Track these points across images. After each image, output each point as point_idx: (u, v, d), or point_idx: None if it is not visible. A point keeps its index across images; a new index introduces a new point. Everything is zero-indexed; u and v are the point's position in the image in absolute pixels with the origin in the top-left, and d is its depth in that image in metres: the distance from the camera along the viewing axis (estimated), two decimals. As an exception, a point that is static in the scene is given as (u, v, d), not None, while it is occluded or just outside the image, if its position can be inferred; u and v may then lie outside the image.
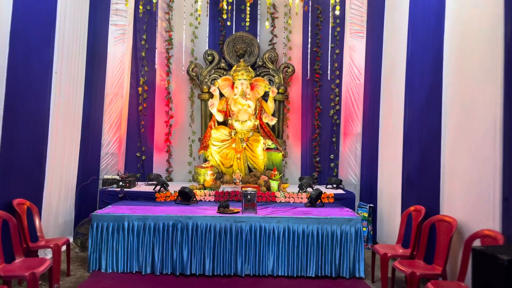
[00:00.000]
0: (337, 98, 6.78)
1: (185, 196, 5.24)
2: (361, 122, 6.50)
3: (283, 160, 6.43)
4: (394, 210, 5.03)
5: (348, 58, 6.61)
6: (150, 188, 5.69)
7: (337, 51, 6.78)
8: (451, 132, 3.75)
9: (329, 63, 6.79)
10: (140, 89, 6.76)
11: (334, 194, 5.53)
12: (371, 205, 5.79)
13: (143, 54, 6.75)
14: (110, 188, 5.66)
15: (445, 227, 3.59)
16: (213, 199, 5.43)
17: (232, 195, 5.44)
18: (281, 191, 5.63)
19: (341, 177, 6.68)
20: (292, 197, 5.45)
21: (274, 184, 5.62)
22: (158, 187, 5.58)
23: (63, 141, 5.14)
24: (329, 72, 6.80)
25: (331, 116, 6.82)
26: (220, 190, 5.54)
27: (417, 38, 4.52)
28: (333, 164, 6.82)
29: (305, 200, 5.40)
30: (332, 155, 6.82)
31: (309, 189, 5.68)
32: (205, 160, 6.24)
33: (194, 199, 5.27)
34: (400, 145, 4.84)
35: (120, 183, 5.72)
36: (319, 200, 5.20)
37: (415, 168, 4.47)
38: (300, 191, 5.59)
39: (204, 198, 5.44)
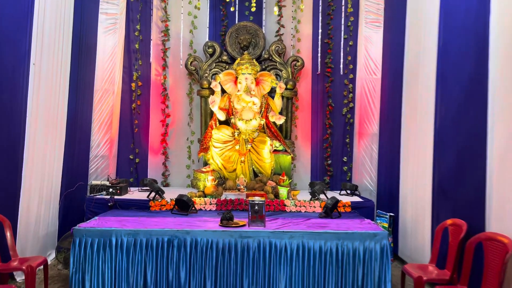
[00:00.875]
0: (351, 94, 6.16)
1: (183, 205, 4.62)
2: (377, 121, 5.87)
3: (292, 163, 5.78)
4: (421, 221, 4.40)
5: (363, 50, 5.99)
6: (143, 195, 5.07)
7: (350, 43, 6.15)
8: (502, 132, 3.12)
9: (341, 56, 6.17)
10: (133, 85, 6.13)
11: (351, 202, 4.91)
12: (392, 214, 5.17)
13: (136, 46, 6.13)
14: (99, 195, 5.04)
15: (498, 248, 2.96)
16: (214, 208, 4.81)
17: (236, 204, 4.81)
18: (291, 198, 5.01)
19: (355, 182, 6.06)
20: (304, 205, 4.83)
21: (283, 191, 5.00)
22: (152, 194, 4.96)
23: (44, 143, 4.52)
24: (341, 66, 6.18)
25: (344, 115, 6.20)
26: (223, 198, 4.92)
27: (453, 23, 3.88)
28: (346, 167, 6.20)
29: (318, 209, 4.78)
30: (345, 158, 6.19)
31: (322, 196, 5.06)
32: (205, 164, 5.61)
33: (193, 208, 4.65)
34: (430, 147, 4.22)
35: (110, 189, 5.10)
36: (335, 210, 4.58)
37: (451, 174, 3.84)
38: (313, 198, 4.97)
39: (204, 207, 4.82)
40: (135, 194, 5.32)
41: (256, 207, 3.94)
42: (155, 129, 6.22)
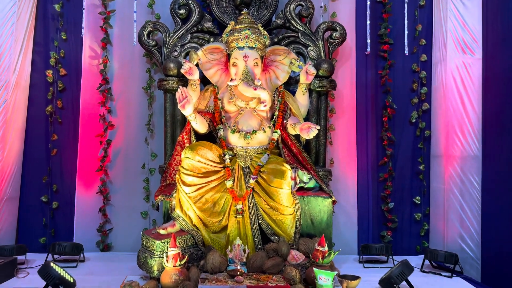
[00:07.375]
0: (425, 88, 3.65)
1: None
2: (478, 133, 3.32)
3: (332, 212, 3.14)
4: None
5: (449, 12, 3.47)
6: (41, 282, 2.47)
7: (421, 2, 3.67)
8: None
9: (406, 24, 3.64)
10: (50, 73, 3.58)
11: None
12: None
13: (57, 8, 3.60)
14: None
15: None
16: (179, 324, 2.21)
17: (226, 313, 2.21)
18: (340, 294, 2.42)
19: (438, 240, 3.50)
20: (374, 316, 2.23)
21: (326, 280, 2.38)
22: (50, 289, 2.35)
23: None
24: (406, 41, 3.63)
25: (414, 123, 3.66)
26: (198, 296, 2.31)
27: None
28: (419, 214, 3.62)
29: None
30: (417, 198, 3.63)
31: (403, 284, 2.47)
32: (168, 218, 2.96)
33: (130, 328, 2.03)
34: None
35: (-31, 275, 2.50)
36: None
37: None
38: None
39: (156, 322, 2.21)
40: (30, 278, 2.73)
41: None
42: (88, 149, 3.62)
